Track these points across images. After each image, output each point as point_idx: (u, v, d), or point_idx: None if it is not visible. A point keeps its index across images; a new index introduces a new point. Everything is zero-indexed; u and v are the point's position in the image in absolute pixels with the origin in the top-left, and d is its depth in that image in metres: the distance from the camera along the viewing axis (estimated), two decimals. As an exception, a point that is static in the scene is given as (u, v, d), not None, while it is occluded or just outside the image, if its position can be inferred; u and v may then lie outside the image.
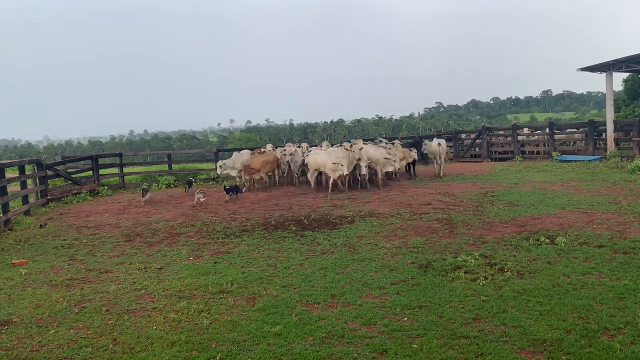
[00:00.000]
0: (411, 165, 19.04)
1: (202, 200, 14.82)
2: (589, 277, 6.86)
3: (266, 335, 5.63)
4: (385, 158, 16.29)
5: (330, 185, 15.46)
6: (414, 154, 18.70)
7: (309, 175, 16.66)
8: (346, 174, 15.48)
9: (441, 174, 18.73)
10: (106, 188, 18.54)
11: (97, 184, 18.67)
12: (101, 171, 19.56)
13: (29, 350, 5.56)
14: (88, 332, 5.95)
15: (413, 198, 13.91)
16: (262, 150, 18.97)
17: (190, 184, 17.45)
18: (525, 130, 26.20)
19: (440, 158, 19.24)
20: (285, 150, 18.67)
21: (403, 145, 19.70)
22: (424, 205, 12.71)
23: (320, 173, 16.78)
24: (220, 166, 17.66)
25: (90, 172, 19.05)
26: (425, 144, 20.24)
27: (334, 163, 15.08)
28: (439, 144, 19.29)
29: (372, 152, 16.52)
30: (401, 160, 17.72)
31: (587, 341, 5.10)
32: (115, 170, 20.48)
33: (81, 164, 19.82)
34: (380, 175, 16.38)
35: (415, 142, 21.83)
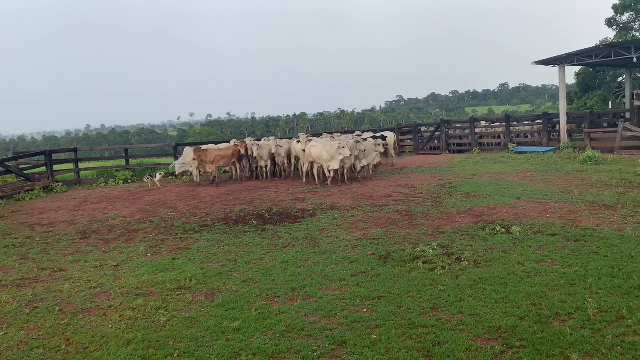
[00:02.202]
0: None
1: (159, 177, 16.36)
2: (543, 265, 7.06)
3: (225, 330, 5.57)
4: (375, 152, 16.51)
5: (329, 177, 15.32)
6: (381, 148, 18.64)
7: (304, 168, 16.27)
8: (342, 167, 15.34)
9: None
10: (61, 184, 17.99)
11: (51, 180, 18.08)
12: (55, 167, 18.95)
13: (-23, 354, 5.34)
14: (40, 333, 5.77)
15: (374, 190, 14.01)
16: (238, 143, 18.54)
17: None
18: (483, 123, 26.73)
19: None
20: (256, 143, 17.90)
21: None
22: (384, 198, 12.82)
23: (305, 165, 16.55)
24: (182, 165, 17.51)
25: (44, 168, 18.43)
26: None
27: (342, 148, 14.69)
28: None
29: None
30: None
31: (539, 327, 5.25)
32: (71, 165, 19.88)
33: (34, 159, 19.17)
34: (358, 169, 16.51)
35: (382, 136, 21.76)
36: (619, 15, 34.17)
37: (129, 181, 19.30)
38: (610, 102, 31.46)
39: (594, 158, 16.78)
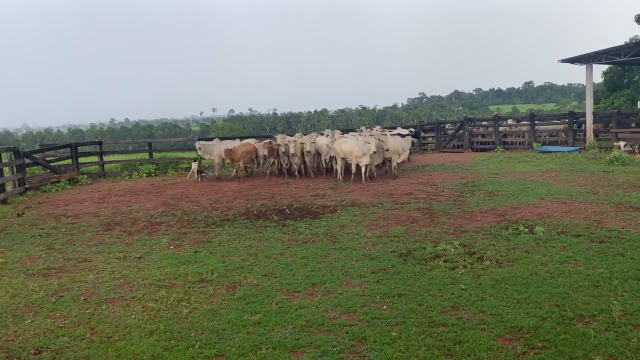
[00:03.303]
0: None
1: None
2: (566, 266, 6.96)
3: (246, 323, 5.62)
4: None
5: (363, 174, 15.11)
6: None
7: (337, 165, 15.77)
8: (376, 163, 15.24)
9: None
10: (86, 177, 18.30)
11: (76, 172, 18.41)
12: (81, 159, 19.28)
13: (4, 340, 5.48)
14: (65, 322, 5.89)
15: (395, 188, 13.96)
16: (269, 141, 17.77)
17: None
18: (510, 121, 26.37)
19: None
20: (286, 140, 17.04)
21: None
22: (405, 195, 12.76)
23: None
24: (200, 148, 17.39)
25: (70, 160, 18.77)
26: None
27: (367, 143, 14.54)
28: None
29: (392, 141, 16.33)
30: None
31: (562, 328, 5.18)
32: (95, 158, 20.21)
33: (60, 152, 19.53)
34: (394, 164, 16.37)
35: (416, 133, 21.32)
36: (649, 12, 33.37)
37: (152, 174, 19.54)
38: (638, 102, 30.79)
39: (620, 158, 16.46)
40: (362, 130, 19.94)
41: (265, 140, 18.11)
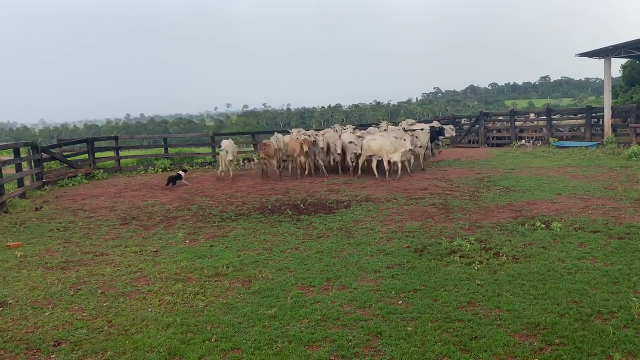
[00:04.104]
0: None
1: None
2: (584, 262, 6.88)
3: (261, 317, 5.64)
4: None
5: (397, 169, 14.73)
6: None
7: (360, 162, 15.33)
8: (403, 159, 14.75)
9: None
10: (102, 171, 18.47)
11: (92, 167, 18.60)
12: (97, 154, 19.46)
13: (24, 332, 5.57)
14: (83, 314, 5.96)
15: (409, 183, 13.90)
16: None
17: (176, 179, 15.60)
18: (532, 115, 25.95)
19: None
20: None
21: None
22: (420, 190, 12.71)
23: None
24: (220, 146, 17.17)
25: (86, 155, 18.96)
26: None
27: (401, 140, 14.25)
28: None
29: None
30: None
31: (580, 325, 5.13)
32: (111, 153, 20.38)
33: (77, 147, 19.71)
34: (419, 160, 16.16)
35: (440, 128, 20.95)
36: (670, 5, 32.76)
37: (168, 169, 19.66)
38: (658, 97, 30.26)
39: (639, 154, 16.21)
40: (382, 125, 19.85)
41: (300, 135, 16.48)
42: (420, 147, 16.18)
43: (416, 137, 15.77)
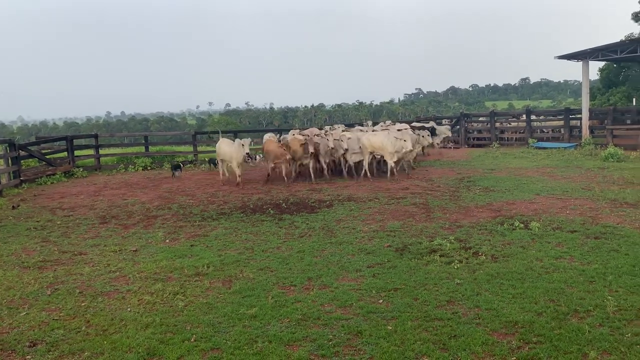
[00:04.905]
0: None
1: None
2: (561, 261, 6.99)
3: (242, 317, 5.62)
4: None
5: (389, 170, 14.38)
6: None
7: (365, 162, 14.64)
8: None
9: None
10: (81, 169, 18.24)
11: (72, 165, 18.35)
12: (76, 152, 19.22)
13: None
14: (60, 314, 5.88)
15: (391, 183, 13.96)
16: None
17: (177, 168, 17.16)
18: (523, 117, 26.11)
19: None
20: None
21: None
22: (401, 190, 12.78)
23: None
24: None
25: (65, 153, 18.70)
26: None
27: (398, 139, 13.74)
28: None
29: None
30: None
31: (557, 323, 5.21)
32: (91, 151, 20.16)
33: (56, 144, 19.46)
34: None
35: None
36: (646, 9, 33.38)
37: (148, 168, 19.50)
38: (634, 99, 30.86)
39: (616, 155, 16.52)
40: (367, 125, 19.84)
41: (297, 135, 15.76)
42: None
43: (423, 136, 15.71)
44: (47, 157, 17.91)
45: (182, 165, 17.38)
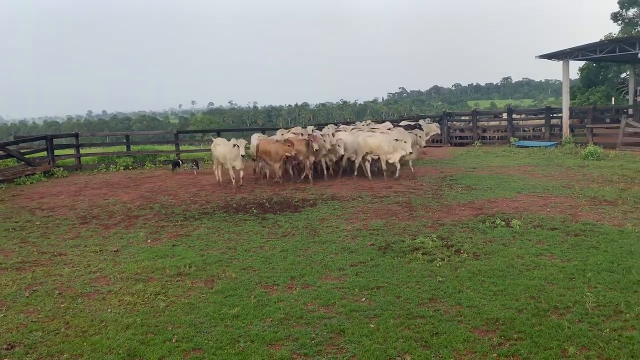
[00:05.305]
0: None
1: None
2: (542, 259, 7.06)
3: (224, 317, 5.59)
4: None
5: (395, 170, 14.06)
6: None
7: (357, 161, 14.45)
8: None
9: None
10: (62, 169, 17.97)
11: (52, 165, 18.07)
12: (57, 152, 18.92)
13: (-24, 335, 5.36)
14: (39, 316, 5.79)
15: (375, 181, 13.99)
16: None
17: (177, 165, 17.15)
18: (521, 115, 26.20)
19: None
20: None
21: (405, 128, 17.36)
22: (384, 189, 12.81)
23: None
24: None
25: (45, 152, 18.41)
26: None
27: (397, 140, 13.37)
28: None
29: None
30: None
31: (537, 320, 5.26)
32: (72, 151, 19.86)
33: (35, 144, 19.15)
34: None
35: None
36: (624, 10, 33.96)
37: (130, 167, 19.30)
38: (613, 98, 31.35)
39: (595, 153, 16.75)
40: (356, 124, 19.69)
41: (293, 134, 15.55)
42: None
43: (420, 136, 15.52)
44: (26, 156, 17.62)
45: (181, 162, 17.83)
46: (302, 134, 15.21)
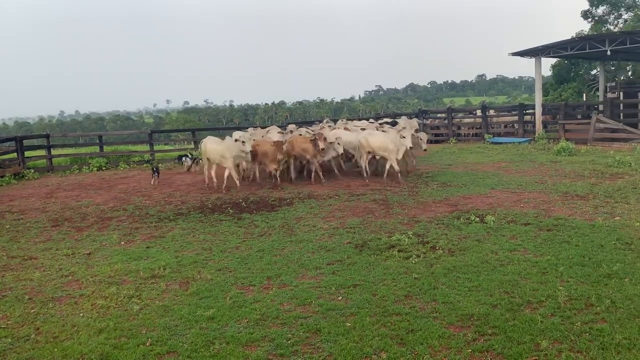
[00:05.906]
0: None
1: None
2: (515, 254, 7.15)
3: (199, 319, 5.53)
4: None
5: (385, 171, 13.58)
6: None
7: (361, 162, 13.88)
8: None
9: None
10: (32, 171, 17.57)
11: (22, 166, 17.66)
12: (27, 153, 18.51)
13: (-58, 344, 5.21)
14: (8, 322, 5.65)
15: (351, 179, 14.02)
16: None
17: (156, 170, 16.06)
18: (492, 112, 26.33)
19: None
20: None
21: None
22: (361, 187, 12.84)
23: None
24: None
25: (15, 154, 17.99)
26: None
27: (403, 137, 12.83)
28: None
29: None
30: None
31: (511, 315, 5.32)
32: (43, 152, 19.45)
33: (5, 145, 18.69)
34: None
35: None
36: (594, 8, 34.58)
37: (103, 168, 18.98)
38: (584, 94, 31.93)
39: (567, 149, 17.05)
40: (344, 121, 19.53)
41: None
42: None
43: (421, 139, 14.96)
44: (-5, 158, 17.20)
45: (184, 158, 17.80)
46: (308, 132, 14.64)
